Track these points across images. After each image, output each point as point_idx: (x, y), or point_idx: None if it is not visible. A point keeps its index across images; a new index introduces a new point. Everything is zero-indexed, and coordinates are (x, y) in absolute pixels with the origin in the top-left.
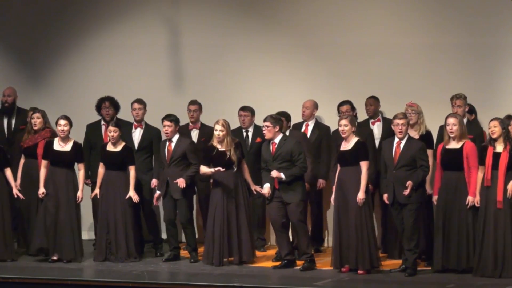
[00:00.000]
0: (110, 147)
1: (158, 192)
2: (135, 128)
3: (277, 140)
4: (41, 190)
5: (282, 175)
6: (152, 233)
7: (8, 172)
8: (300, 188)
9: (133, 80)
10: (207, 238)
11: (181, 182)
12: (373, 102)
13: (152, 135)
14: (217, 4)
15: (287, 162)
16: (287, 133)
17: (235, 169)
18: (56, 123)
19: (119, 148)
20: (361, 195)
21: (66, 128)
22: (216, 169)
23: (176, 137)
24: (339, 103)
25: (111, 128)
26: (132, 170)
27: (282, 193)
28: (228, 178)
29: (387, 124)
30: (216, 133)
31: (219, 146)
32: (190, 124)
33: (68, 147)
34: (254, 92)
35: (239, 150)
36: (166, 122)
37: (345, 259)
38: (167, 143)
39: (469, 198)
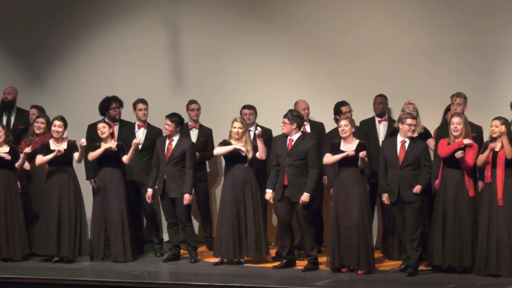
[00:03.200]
0: (105, 146)
1: (150, 190)
2: (139, 128)
3: (294, 137)
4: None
5: (307, 196)
6: (153, 233)
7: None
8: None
9: (133, 80)
10: (219, 233)
11: (188, 200)
12: (382, 101)
13: (155, 135)
14: (217, 4)
15: (300, 160)
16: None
17: (246, 165)
18: (51, 123)
19: (113, 145)
20: None
21: (60, 129)
22: (233, 146)
23: (177, 137)
24: (337, 103)
25: (106, 124)
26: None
27: (290, 193)
28: (238, 172)
29: (392, 124)
30: (234, 130)
31: (234, 143)
32: (190, 123)
33: (64, 145)
34: (254, 92)
35: (255, 153)
36: (167, 121)
37: (342, 260)
38: (167, 141)
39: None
